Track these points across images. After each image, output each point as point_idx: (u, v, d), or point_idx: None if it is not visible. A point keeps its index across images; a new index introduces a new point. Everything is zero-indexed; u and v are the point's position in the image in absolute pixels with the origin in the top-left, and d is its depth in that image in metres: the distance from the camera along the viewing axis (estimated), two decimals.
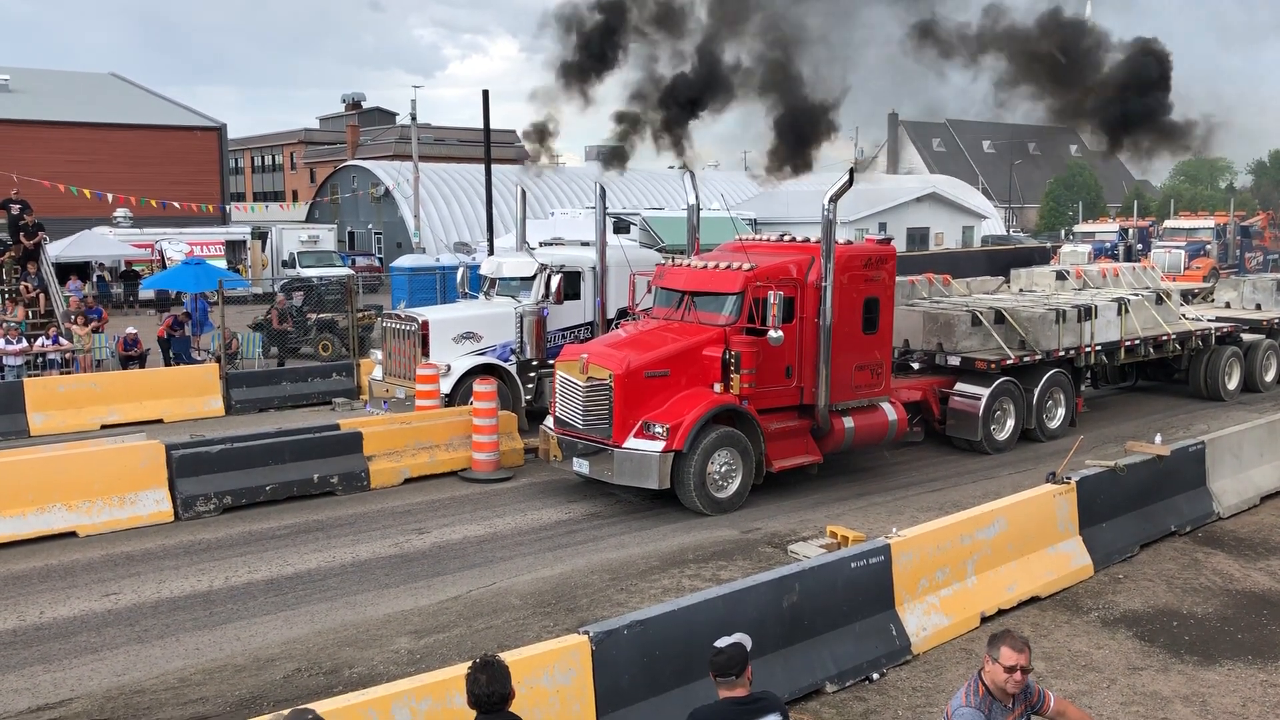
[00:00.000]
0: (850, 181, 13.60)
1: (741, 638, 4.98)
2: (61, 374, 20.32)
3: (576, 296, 17.68)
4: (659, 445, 12.55)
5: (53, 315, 22.75)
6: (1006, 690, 5.00)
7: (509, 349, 17.07)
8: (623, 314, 16.62)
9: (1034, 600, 9.73)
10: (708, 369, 13.04)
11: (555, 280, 17.15)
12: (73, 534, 12.04)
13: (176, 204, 40.76)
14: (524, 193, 19.57)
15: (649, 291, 14.93)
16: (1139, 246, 42.04)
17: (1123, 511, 11.14)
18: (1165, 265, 35.25)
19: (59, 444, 14.43)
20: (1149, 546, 11.28)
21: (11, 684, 8.40)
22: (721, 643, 4.94)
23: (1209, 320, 20.37)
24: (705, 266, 13.97)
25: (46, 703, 8.00)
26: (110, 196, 37.70)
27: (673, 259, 16.15)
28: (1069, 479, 10.61)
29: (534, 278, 17.39)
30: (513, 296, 17.56)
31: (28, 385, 18.19)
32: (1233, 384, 20.29)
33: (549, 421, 14.00)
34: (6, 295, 23.08)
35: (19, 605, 10.06)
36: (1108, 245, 41.55)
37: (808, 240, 14.75)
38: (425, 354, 16.43)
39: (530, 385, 17.07)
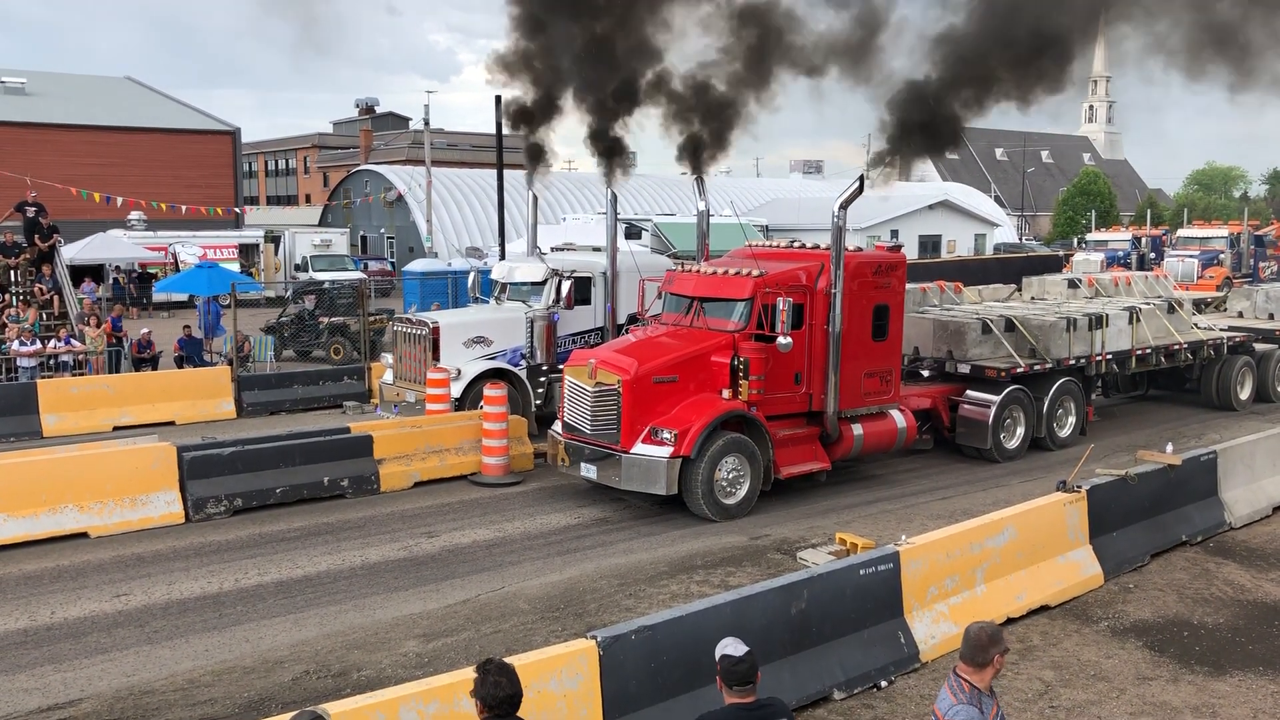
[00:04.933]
0: (861, 188, 13.61)
1: (736, 644, 4.96)
2: (74, 375, 20.43)
3: (587, 302, 17.69)
4: (667, 451, 12.54)
5: (66, 317, 22.88)
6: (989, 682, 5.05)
7: (519, 354, 17.11)
8: (632, 319, 16.65)
9: (1043, 609, 9.70)
10: (716, 375, 13.04)
11: (566, 285, 17.17)
12: (84, 535, 12.10)
13: (184, 208, 40.82)
14: (535, 198, 19.62)
15: (659, 297, 14.94)
16: (1152, 255, 41.82)
17: (1133, 521, 11.10)
18: (1178, 274, 35.05)
19: (71, 445, 14.51)
20: (1160, 556, 11.23)
21: (22, 683, 8.45)
22: (731, 650, 4.92)
23: (1221, 330, 20.28)
24: (715, 272, 13.97)
25: (56, 703, 8.04)
26: (120, 200, 37.78)
27: (683, 265, 16.19)
28: (1079, 487, 10.57)
29: (545, 283, 17.43)
30: (523, 301, 17.60)
31: (41, 387, 18.29)
32: (1245, 394, 20.18)
33: (557, 426, 14.02)
34: (21, 297, 23.21)
35: (30, 605, 10.12)
36: (1120, 254, 41.38)
37: (818, 247, 14.75)
38: (436, 358, 16.48)
39: (540, 390, 17.10)
